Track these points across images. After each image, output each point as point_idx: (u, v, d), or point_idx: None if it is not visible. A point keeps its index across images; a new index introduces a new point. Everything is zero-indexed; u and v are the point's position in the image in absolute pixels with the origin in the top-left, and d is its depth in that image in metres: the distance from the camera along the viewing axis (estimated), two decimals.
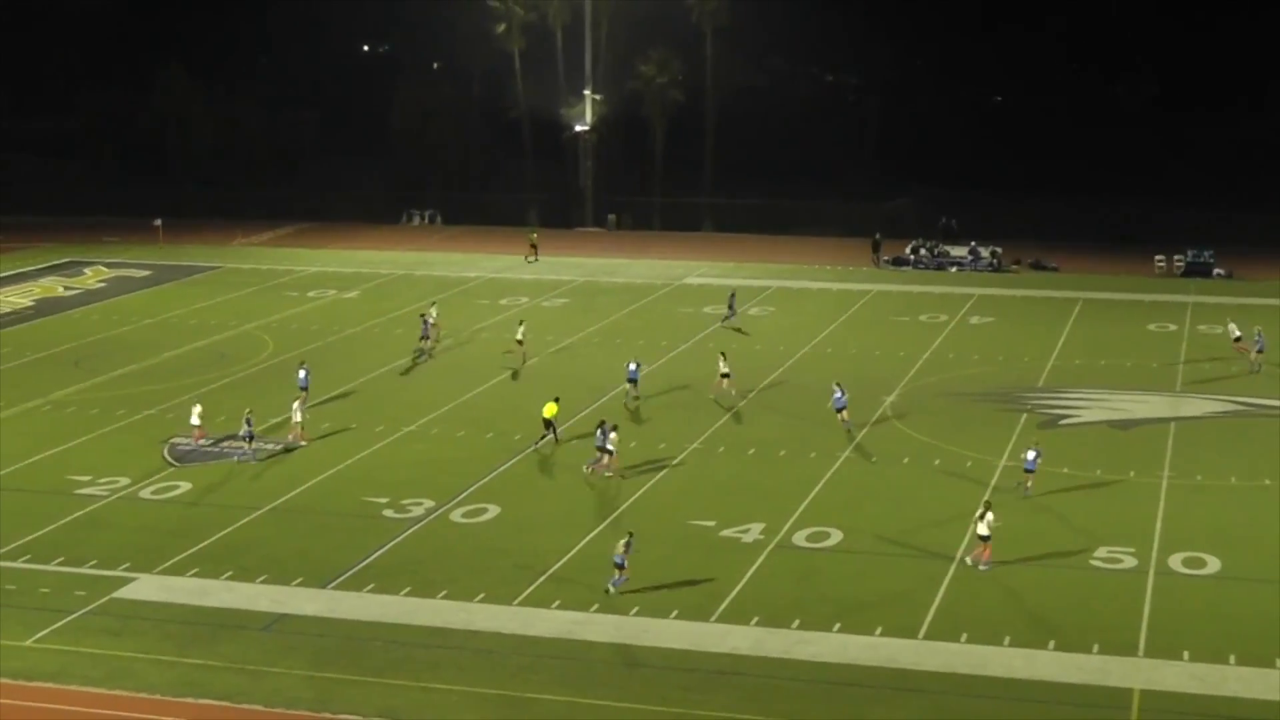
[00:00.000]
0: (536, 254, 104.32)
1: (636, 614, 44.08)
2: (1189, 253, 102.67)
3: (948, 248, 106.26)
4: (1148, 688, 39.58)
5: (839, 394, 62.50)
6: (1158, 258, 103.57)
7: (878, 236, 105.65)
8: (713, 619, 43.94)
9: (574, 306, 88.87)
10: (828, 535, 50.71)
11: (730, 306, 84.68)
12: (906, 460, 59.04)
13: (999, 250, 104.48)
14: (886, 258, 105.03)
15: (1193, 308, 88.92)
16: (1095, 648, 41.81)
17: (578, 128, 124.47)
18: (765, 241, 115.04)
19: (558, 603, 44.96)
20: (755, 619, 43.77)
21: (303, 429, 60.83)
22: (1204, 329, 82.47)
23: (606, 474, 56.61)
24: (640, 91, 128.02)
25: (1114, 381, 71.59)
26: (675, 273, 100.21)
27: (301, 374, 67.05)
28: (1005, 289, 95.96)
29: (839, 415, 62.36)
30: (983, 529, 47.72)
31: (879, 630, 43.02)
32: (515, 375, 72.48)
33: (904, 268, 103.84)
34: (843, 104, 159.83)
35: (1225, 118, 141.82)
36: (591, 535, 50.61)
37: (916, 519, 52.38)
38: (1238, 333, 75.41)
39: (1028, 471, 54.67)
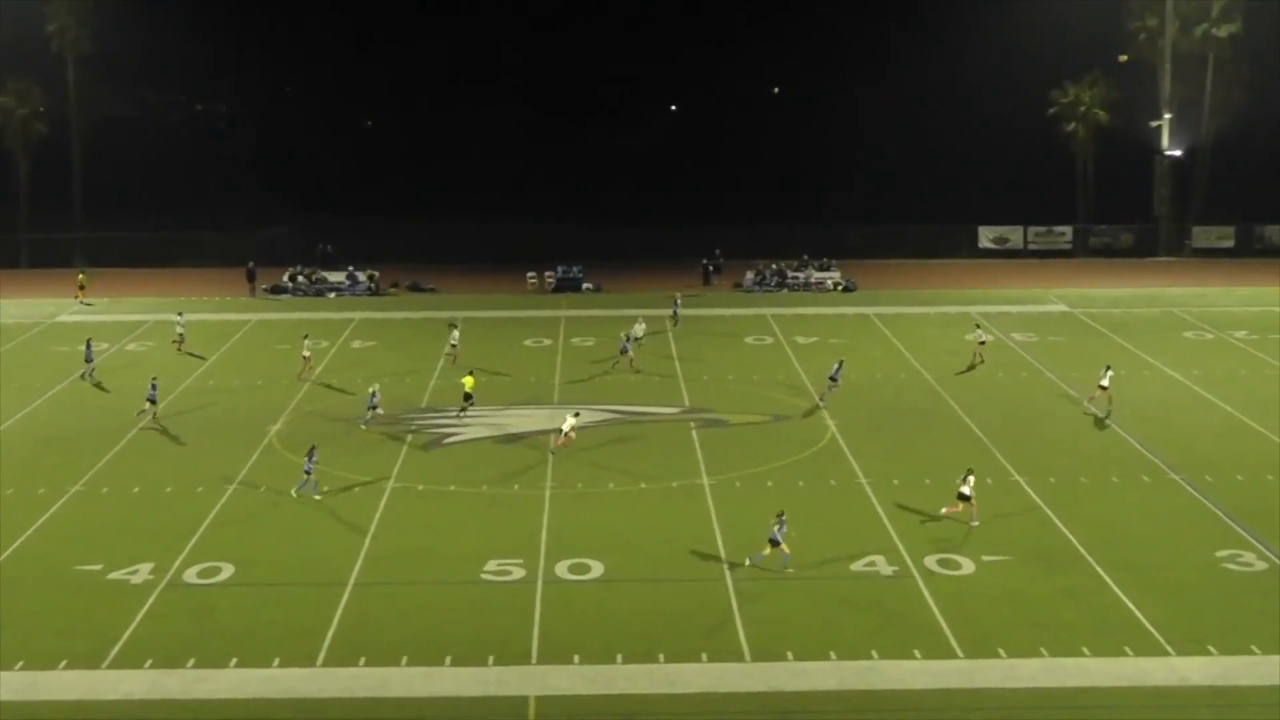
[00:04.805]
0: (85, 294, 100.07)
1: (22, 668, 42.43)
2: (559, 269, 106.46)
3: (325, 274, 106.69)
4: (542, 693, 40.87)
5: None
6: (530, 275, 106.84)
7: (251, 265, 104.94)
8: (104, 665, 42.77)
9: None
10: (219, 570, 50.10)
11: (674, 313, 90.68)
12: (294, 491, 58.95)
13: (377, 274, 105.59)
14: (264, 286, 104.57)
15: (565, 321, 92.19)
16: (491, 659, 42.83)
17: None
18: (141, 275, 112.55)
19: None
20: (149, 661, 42.84)
21: None
22: (577, 342, 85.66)
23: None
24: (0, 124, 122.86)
25: (495, 398, 73.39)
26: (47, 311, 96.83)
27: None
28: (385, 312, 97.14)
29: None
30: (965, 489, 53.20)
31: (276, 662, 42.82)
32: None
33: (283, 295, 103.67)
34: (214, 132, 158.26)
35: (592, 137, 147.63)
36: None
37: (306, 547, 52.37)
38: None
39: None
